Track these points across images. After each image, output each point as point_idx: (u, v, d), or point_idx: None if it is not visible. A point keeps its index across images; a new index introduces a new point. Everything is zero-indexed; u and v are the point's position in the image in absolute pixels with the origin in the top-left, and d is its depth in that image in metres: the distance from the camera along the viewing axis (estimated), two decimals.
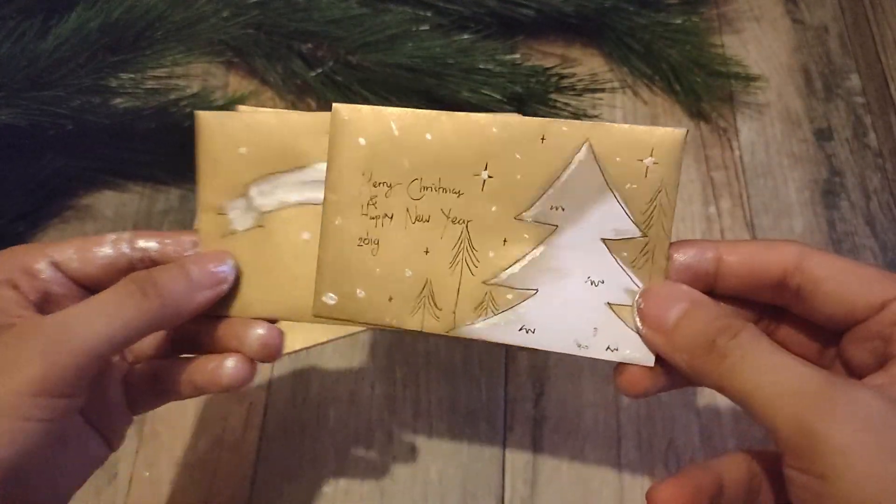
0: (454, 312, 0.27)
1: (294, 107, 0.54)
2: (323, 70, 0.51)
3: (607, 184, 0.26)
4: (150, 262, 0.28)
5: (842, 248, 0.47)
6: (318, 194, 0.28)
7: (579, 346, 0.26)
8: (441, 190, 0.27)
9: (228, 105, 0.52)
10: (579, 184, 0.26)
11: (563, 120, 0.26)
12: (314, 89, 0.52)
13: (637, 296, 0.26)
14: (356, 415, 0.42)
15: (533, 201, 0.27)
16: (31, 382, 0.23)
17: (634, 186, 0.26)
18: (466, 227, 0.27)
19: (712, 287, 0.26)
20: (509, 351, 0.44)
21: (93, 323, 0.24)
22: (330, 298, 0.28)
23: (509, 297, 0.27)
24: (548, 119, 0.26)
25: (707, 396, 0.42)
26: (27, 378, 0.23)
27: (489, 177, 0.27)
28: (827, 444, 0.20)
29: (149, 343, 0.30)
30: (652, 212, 0.26)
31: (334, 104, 0.28)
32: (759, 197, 0.50)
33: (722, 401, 0.42)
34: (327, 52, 0.51)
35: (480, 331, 0.27)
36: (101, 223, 0.49)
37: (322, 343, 0.43)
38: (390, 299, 0.28)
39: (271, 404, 0.43)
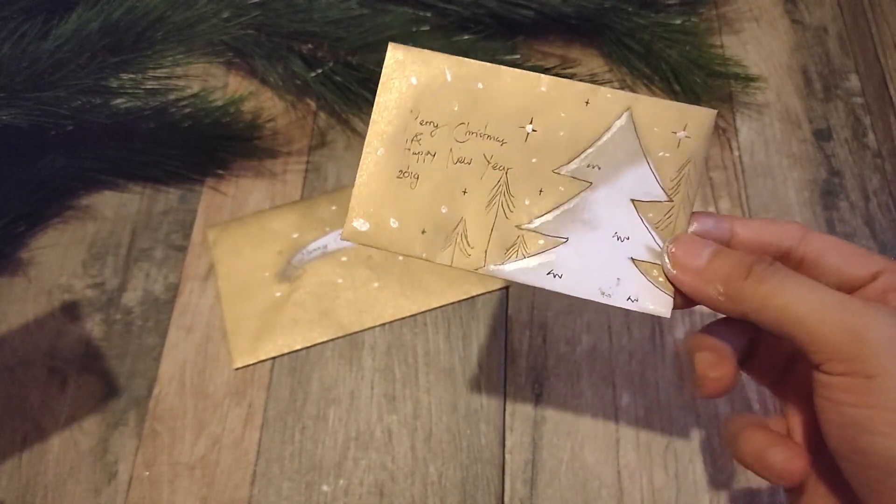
0: (486, 252, 0.28)
1: (293, 107, 0.54)
2: (323, 70, 0.51)
3: (642, 150, 0.28)
4: None
5: None
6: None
7: (603, 293, 0.28)
8: (486, 136, 0.29)
9: (229, 104, 0.52)
10: (617, 147, 0.28)
11: (608, 88, 0.28)
12: (314, 90, 0.52)
13: (667, 244, 0.28)
14: (356, 414, 0.42)
15: (572, 158, 0.29)
16: None
17: (667, 155, 0.28)
18: (506, 173, 0.29)
19: None
20: (509, 352, 0.44)
21: None
22: (362, 224, 0.29)
23: (541, 242, 0.28)
24: (594, 85, 0.28)
25: (704, 399, 0.42)
26: None
27: (533, 130, 0.29)
28: (875, 345, 0.23)
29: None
30: (680, 180, 0.28)
31: (390, 43, 0.30)
32: (758, 197, 0.50)
33: (720, 403, 0.42)
34: (327, 52, 0.51)
35: (510, 272, 0.28)
36: (101, 223, 0.49)
37: (322, 342, 0.43)
38: (423, 232, 0.29)
39: (271, 404, 0.43)
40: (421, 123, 0.29)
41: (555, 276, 0.28)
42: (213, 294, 0.46)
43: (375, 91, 0.40)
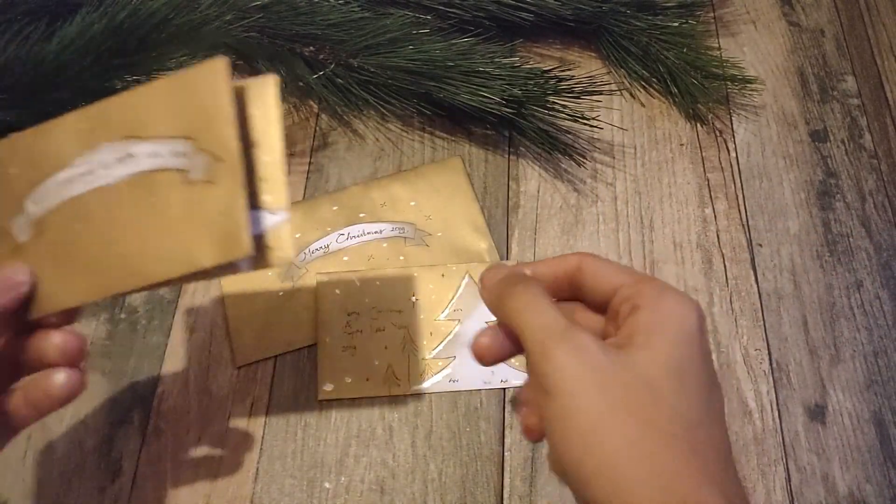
0: (408, 380, 0.43)
1: (296, 109, 0.54)
2: (325, 73, 0.51)
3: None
4: None
5: (837, 250, 0.48)
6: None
7: (485, 382, 0.43)
8: (389, 311, 0.45)
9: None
10: (467, 295, 0.45)
11: (454, 264, 0.46)
12: (316, 92, 0.52)
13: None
14: (358, 412, 0.43)
15: (444, 308, 0.45)
16: None
17: None
18: (408, 329, 0.45)
19: None
20: None
21: None
22: (328, 386, 0.43)
23: (440, 363, 0.44)
24: (444, 265, 0.46)
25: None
26: None
27: (416, 299, 0.45)
28: (553, 365, 0.26)
29: None
30: None
31: (317, 278, 0.46)
32: (754, 198, 0.50)
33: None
34: (329, 55, 0.51)
35: (426, 387, 0.43)
36: None
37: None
38: (367, 380, 0.43)
39: (274, 402, 0.43)
40: (348, 314, 0.45)
41: (453, 381, 0.43)
42: (217, 293, 0.47)
43: (376, 94, 0.43)
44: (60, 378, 0.31)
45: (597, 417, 0.26)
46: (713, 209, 0.50)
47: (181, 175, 0.30)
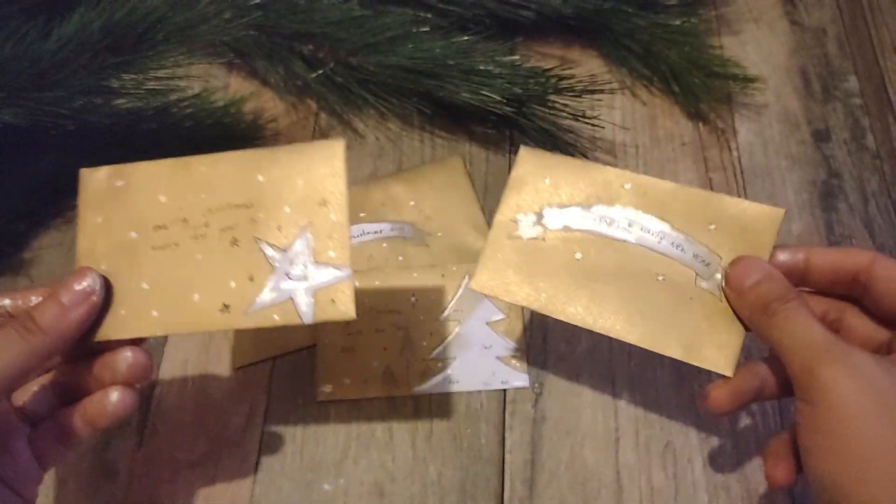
0: (408, 381, 0.43)
1: (294, 108, 0.54)
2: (324, 71, 0.51)
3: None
4: (6, 316, 0.32)
5: None
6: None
7: (485, 384, 0.43)
8: (388, 311, 0.45)
9: (230, 105, 0.52)
10: (467, 296, 0.45)
11: (454, 264, 0.46)
12: (315, 90, 0.52)
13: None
14: (357, 414, 0.43)
15: (444, 309, 0.45)
16: None
17: None
18: (407, 330, 0.44)
19: (802, 281, 0.33)
20: None
21: None
22: (327, 387, 0.43)
23: (440, 364, 0.43)
24: (444, 265, 0.46)
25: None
26: None
27: (416, 300, 0.45)
28: (818, 379, 0.28)
29: (41, 401, 0.33)
30: (511, 304, 0.44)
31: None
32: (757, 199, 0.49)
33: None
34: (328, 53, 0.51)
35: (427, 388, 0.43)
36: None
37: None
38: (366, 381, 0.43)
39: (272, 404, 0.43)
40: (348, 323, 0.44)
41: (453, 383, 0.43)
42: None
43: (376, 92, 0.43)
44: (114, 396, 0.32)
45: (877, 443, 0.26)
46: None
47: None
